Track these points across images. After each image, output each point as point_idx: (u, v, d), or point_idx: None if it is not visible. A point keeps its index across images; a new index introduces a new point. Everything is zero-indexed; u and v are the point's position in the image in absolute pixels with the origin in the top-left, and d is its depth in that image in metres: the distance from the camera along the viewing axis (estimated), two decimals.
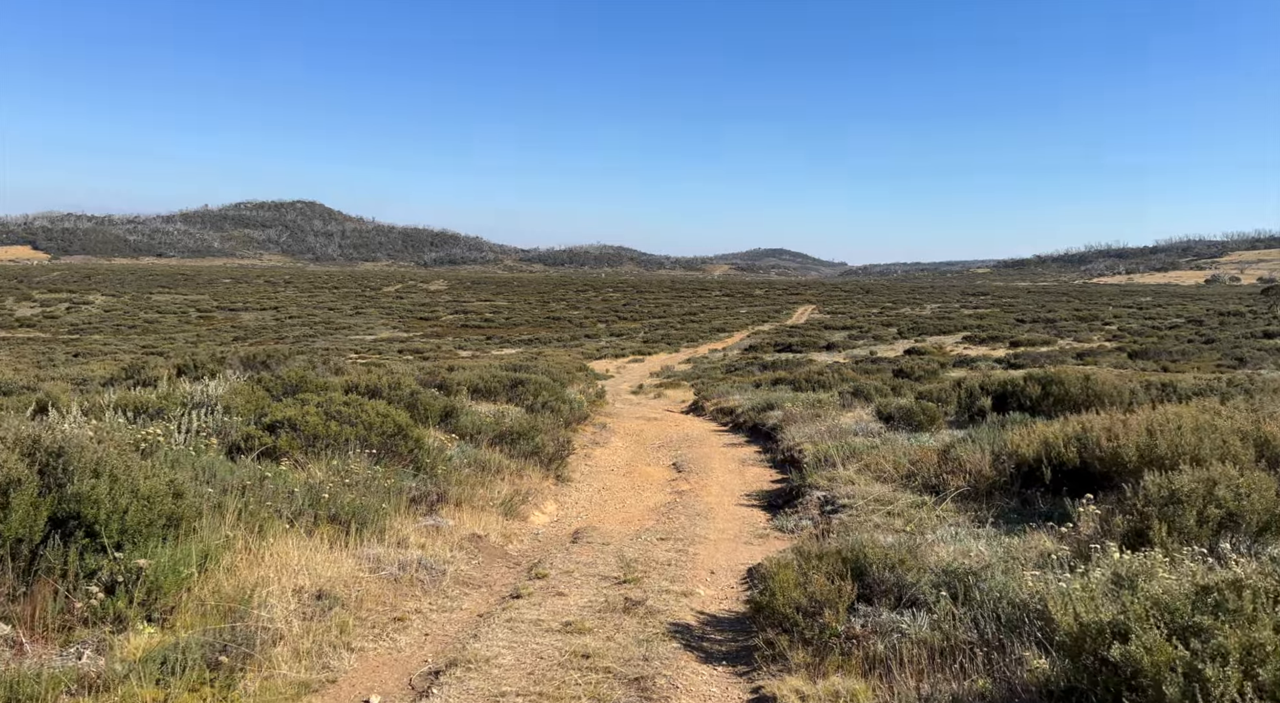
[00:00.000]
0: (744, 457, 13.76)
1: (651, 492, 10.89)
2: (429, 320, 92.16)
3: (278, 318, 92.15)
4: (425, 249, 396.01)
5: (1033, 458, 7.98)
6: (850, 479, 9.35)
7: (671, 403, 29.24)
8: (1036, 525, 7.08)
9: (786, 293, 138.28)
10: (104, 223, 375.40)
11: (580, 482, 11.43)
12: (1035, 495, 7.80)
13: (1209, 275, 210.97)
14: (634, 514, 9.52)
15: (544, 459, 11.03)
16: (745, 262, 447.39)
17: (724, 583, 6.80)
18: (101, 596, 4.62)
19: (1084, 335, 63.04)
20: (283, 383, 10.31)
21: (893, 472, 9.35)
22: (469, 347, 64.50)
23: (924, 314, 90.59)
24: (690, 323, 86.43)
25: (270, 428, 8.24)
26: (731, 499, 10.33)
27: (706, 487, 11.05)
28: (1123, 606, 3.55)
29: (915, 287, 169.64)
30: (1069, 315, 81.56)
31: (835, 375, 27.79)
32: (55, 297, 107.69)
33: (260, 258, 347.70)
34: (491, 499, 8.59)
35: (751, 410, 17.93)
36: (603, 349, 61.15)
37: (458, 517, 7.78)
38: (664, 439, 16.20)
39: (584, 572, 6.77)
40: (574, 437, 14.90)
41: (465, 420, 11.55)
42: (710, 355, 55.10)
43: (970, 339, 62.39)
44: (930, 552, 6.50)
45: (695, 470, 12.20)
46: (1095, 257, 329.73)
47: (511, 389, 17.08)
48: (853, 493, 8.83)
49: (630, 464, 13.21)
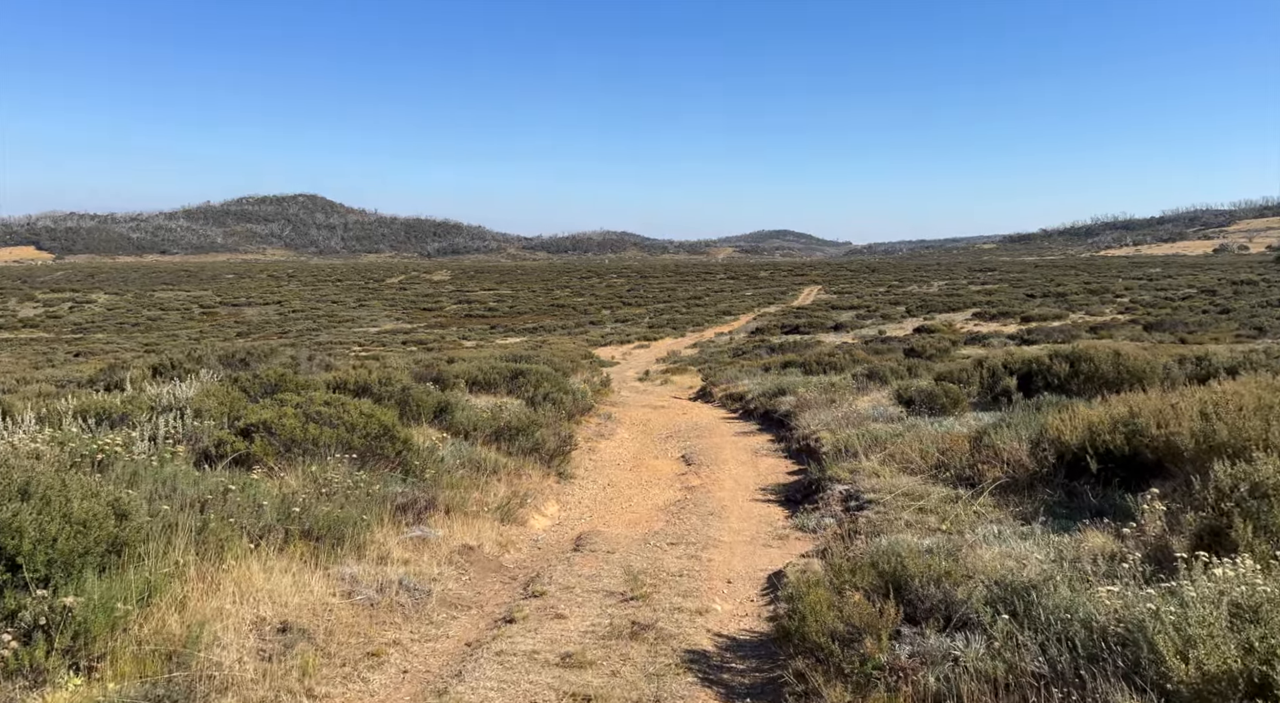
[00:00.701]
0: (756, 446, 13.07)
1: (660, 488, 10.20)
2: (433, 311, 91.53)
3: (281, 312, 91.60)
4: (428, 239, 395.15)
5: (1076, 445, 7.25)
6: (874, 471, 8.65)
7: (678, 389, 28.56)
8: (1089, 522, 6.37)
9: (791, 274, 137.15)
10: (107, 221, 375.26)
11: (584, 478, 10.74)
12: (1083, 487, 7.08)
13: (1217, 245, 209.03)
14: (641, 514, 8.83)
15: (545, 456, 10.35)
16: (749, 244, 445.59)
17: (743, 594, 6.11)
18: (15, 645, 3.94)
19: (1096, 308, 62.11)
20: (261, 382, 9.62)
21: (920, 462, 8.64)
22: (473, 337, 63.85)
23: (931, 292, 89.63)
24: (695, 307, 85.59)
25: (244, 432, 7.56)
26: (746, 494, 9.64)
27: (718, 481, 10.35)
28: (1248, 644, 2.84)
29: (921, 264, 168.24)
30: (1079, 289, 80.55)
31: (846, 357, 27.06)
32: (58, 296, 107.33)
33: (263, 252, 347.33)
34: (486, 503, 7.90)
35: (762, 396, 17.22)
36: (608, 336, 60.46)
37: (448, 525, 7.09)
38: (672, 429, 15.52)
39: (586, 587, 6.08)
40: (577, 429, 14.23)
41: (460, 416, 10.86)
42: (716, 339, 54.35)
43: (980, 315, 61.49)
44: (974, 556, 5.80)
45: (706, 463, 11.50)
46: (1102, 229, 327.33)
47: (512, 381, 16.40)
48: (878, 486, 8.13)
49: (637, 457, 12.53)
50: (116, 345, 59.00)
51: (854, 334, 52.04)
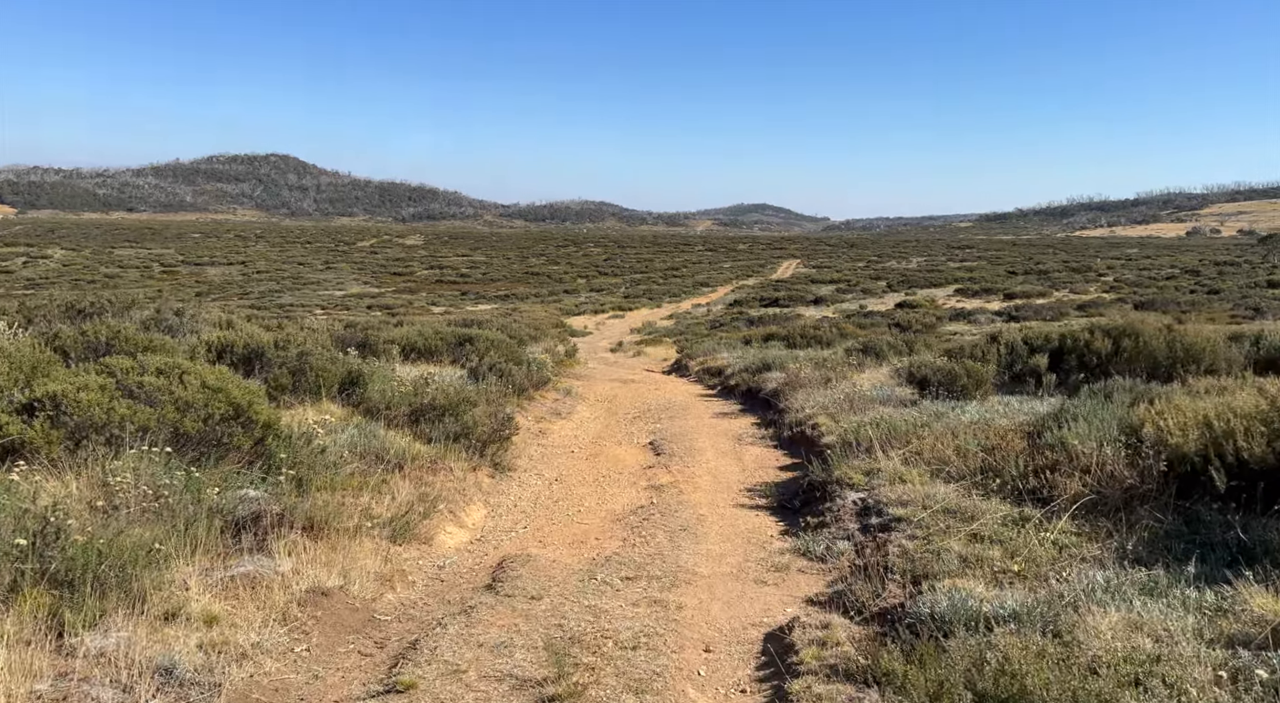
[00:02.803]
0: (739, 431, 10.99)
1: (620, 486, 8.09)
2: (403, 275, 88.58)
3: (245, 273, 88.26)
4: (403, 204, 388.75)
5: (1195, 452, 5.23)
6: (897, 473, 6.58)
7: (652, 362, 26.45)
8: (1231, 567, 4.36)
9: (770, 248, 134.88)
10: (72, 176, 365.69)
11: (526, 471, 8.62)
12: (1207, 511, 5.06)
13: (1190, 228, 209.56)
14: (592, 527, 6.71)
15: (476, 442, 8.20)
16: (728, 217, 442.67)
17: (728, 678, 4.04)
18: None
19: (1080, 286, 60.66)
20: (86, 341, 7.37)
21: (959, 463, 6.58)
22: (443, 302, 61.31)
23: (911, 268, 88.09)
24: (673, 278, 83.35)
25: (27, 409, 5.36)
26: (728, 497, 7.57)
27: (694, 477, 8.26)
28: None
29: (899, 241, 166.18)
30: (1060, 267, 79.32)
31: (833, 330, 25.03)
32: (12, 250, 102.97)
33: (234, 212, 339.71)
34: (375, 514, 5.75)
35: (745, 372, 15.13)
36: (582, 305, 58.24)
37: (305, 552, 4.94)
38: (641, 407, 13.42)
39: (485, 671, 3.92)
40: (530, 407, 12.09)
41: (374, 391, 8.68)
42: (694, 311, 52.32)
43: (963, 292, 59.87)
44: (1082, 627, 3.76)
45: (679, 453, 9.40)
46: (1077, 209, 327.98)
47: (457, 348, 14.21)
48: (907, 497, 6.07)
49: (597, 442, 10.41)
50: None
51: (834, 308, 50.24)
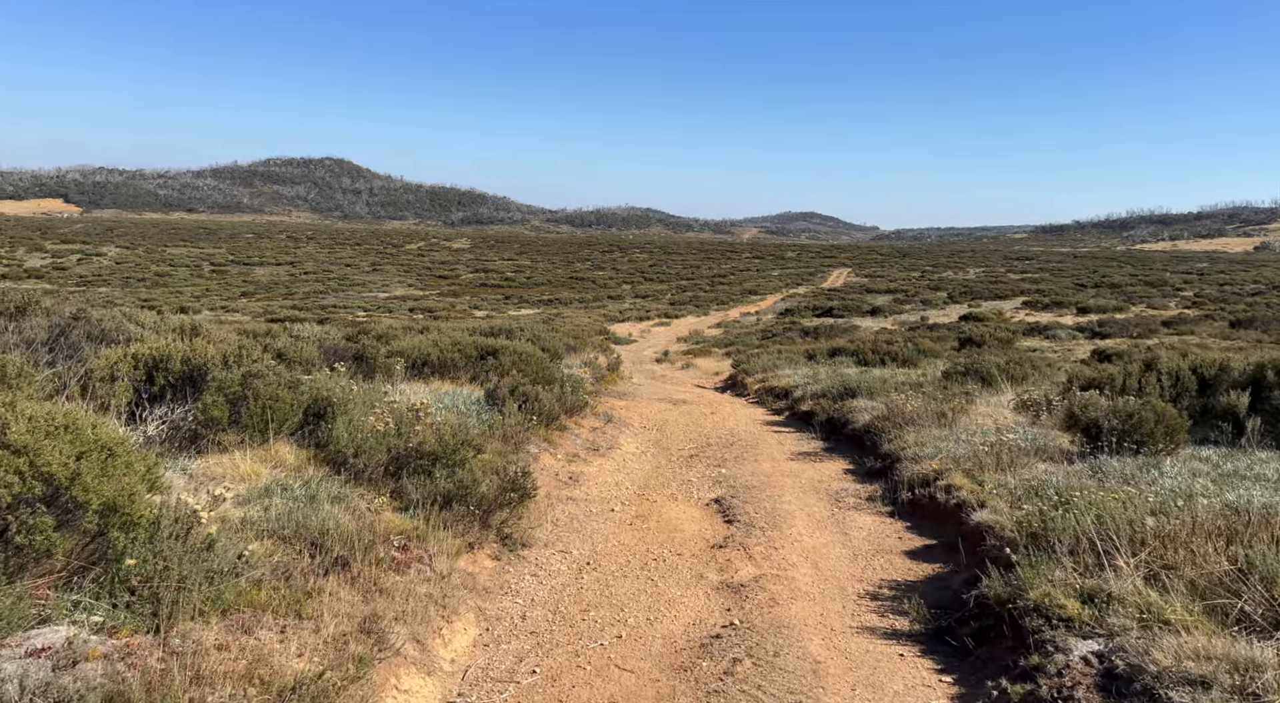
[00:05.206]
0: (831, 483, 8.40)
1: (680, 584, 5.58)
2: (447, 278, 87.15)
3: (292, 274, 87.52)
4: (452, 208, 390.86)
5: None
6: (1147, 607, 3.98)
7: (703, 375, 23.90)
8: None
9: (819, 256, 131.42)
10: (135, 177, 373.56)
11: (548, 546, 6.16)
12: None
13: (1258, 242, 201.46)
14: (637, 682, 4.22)
15: (477, 508, 5.78)
16: (775, 225, 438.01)
17: None
18: None
19: (1157, 302, 56.73)
20: None
21: (1253, 592, 3.97)
22: (485, 306, 59.48)
23: (969, 278, 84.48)
24: (720, 285, 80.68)
25: None
26: (845, 611, 5.03)
27: (787, 570, 5.71)
28: None
29: (953, 251, 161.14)
30: (1130, 280, 75.09)
31: (909, 345, 22.27)
32: (68, 248, 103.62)
33: (289, 214, 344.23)
34: (270, 675, 3.32)
35: (823, 398, 12.51)
36: (626, 311, 55.94)
37: None
38: (698, 439, 10.90)
39: None
40: (560, 440, 9.64)
41: (341, 430, 6.27)
42: (742, 319, 49.66)
43: (1031, 304, 56.35)
44: None
45: (758, 521, 6.84)
46: (1137, 222, 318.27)
47: (479, 362, 11.84)
48: (1174, 658, 3.50)
49: (644, 494, 7.91)
50: (117, 300, 55.05)
51: (893, 319, 47.25)
